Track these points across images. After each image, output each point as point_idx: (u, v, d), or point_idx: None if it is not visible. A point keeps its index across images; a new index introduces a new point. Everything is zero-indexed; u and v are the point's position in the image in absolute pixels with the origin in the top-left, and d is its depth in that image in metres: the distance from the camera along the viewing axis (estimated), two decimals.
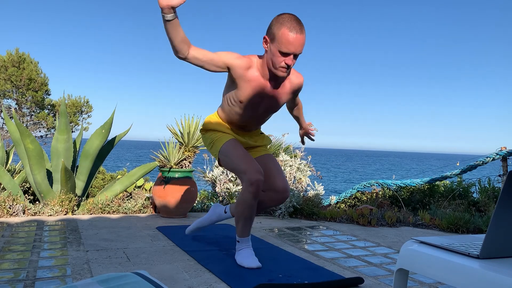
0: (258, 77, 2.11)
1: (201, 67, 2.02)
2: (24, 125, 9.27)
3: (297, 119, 2.65)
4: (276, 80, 2.15)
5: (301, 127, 2.69)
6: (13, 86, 12.22)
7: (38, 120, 12.70)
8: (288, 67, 2.04)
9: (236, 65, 2.05)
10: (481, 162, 6.28)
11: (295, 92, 2.29)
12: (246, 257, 2.23)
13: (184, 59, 1.97)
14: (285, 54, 1.99)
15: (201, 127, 2.42)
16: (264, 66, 2.10)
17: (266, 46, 2.05)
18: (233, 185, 4.27)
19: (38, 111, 12.90)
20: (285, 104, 2.36)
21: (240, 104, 2.17)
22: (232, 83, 2.15)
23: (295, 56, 2.03)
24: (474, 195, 5.97)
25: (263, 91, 2.14)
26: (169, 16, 1.82)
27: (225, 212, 2.46)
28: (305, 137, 2.73)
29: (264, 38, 2.05)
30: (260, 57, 2.13)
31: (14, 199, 3.52)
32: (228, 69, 2.07)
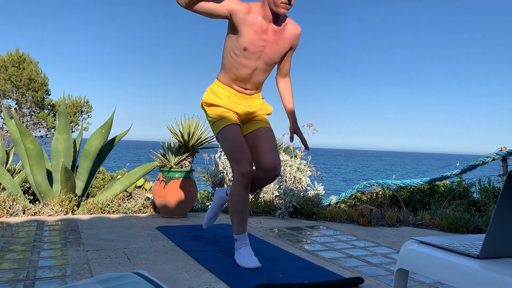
0: (259, 21, 2.15)
1: (205, 14, 2.11)
2: (24, 125, 9.27)
3: (286, 107, 2.46)
4: (277, 22, 2.19)
5: (291, 122, 2.47)
6: (13, 86, 12.22)
7: (38, 120, 12.71)
8: (289, 3, 2.09)
9: (238, 10, 2.11)
10: (481, 162, 6.28)
11: (293, 42, 2.29)
12: (246, 257, 2.23)
13: (187, 6, 2.06)
14: None
15: (201, 101, 2.37)
16: (265, 7, 2.14)
17: None
18: None
19: (38, 111, 12.90)
20: (284, 57, 2.33)
21: (244, 53, 2.19)
22: (233, 31, 2.18)
23: None
24: (474, 195, 5.97)
25: (265, 35, 2.18)
26: None
27: (226, 194, 2.49)
28: (298, 140, 2.48)
29: None
30: (258, 2, 2.18)
31: (14, 199, 3.52)
32: (230, 16, 2.13)
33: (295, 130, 2.45)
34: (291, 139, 2.46)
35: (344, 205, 6.38)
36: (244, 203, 2.21)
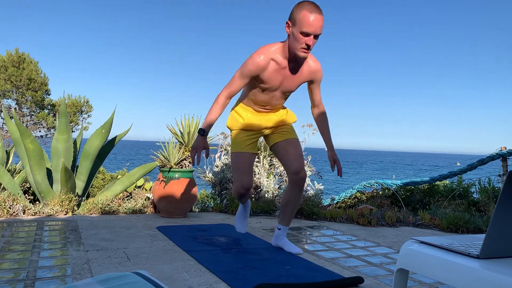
0: (279, 61, 2.29)
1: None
2: (24, 125, 9.27)
3: (323, 136, 2.63)
4: (295, 62, 2.33)
5: (329, 150, 2.61)
6: (13, 86, 12.23)
7: (38, 120, 12.71)
8: (309, 48, 2.20)
9: (257, 73, 2.29)
10: (481, 162, 6.29)
11: (313, 76, 2.42)
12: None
13: (227, 102, 2.41)
14: (306, 35, 2.15)
15: (226, 125, 2.61)
16: (285, 48, 2.28)
17: (288, 30, 2.23)
18: (233, 185, 4.27)
19: (38, 111, 12.91)
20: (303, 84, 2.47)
21: (263, 87, 2.37)
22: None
23: (315, 37, 2.20)
24: (474, 195, 5.97)
25: (284, 71, 2.33)
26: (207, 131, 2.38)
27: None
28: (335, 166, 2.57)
29: (286, 23, 2.23)
30: (281, 43, 2.31)
31: (14, 199, 3.52)
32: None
33: (333, 157, 2.55)
34: (332, 167, 2.54)
35: (344, 205, 6.38)
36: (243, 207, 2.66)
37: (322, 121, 2.59)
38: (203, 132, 2.34)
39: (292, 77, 2.36)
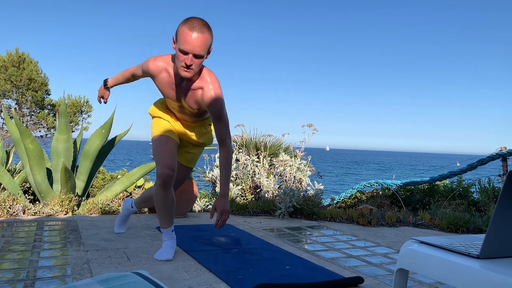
0: (169, 79, 2.23)
1: (133, 81, 2.49)
2: (24, 125, 9.28)
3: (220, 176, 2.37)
4: (186, 80, 2.18)
5: (218, 195, 2.32)
6: (13, 86, 12.23)
7: (38, 120, 12.72)
8: (188, 67, 2.05)
9: (150, 73, 2.28)
10: (481, 162, 6.29)
11: (205, 104, 2.20)
12: (161, 250, 2.35)
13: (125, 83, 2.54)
14: (184, 53, 2.02)
15: (149, 111, 2.57)
16: (174, 65, 2.20)
17: (173, 46, 2.13)
18: (233, 185, 4.27)
19: (38, 111, 12.92)
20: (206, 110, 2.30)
21: (165, 99, 2.38)
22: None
23: (196, 56, 2.03)
24: (474, 195, 5.97)
25: (178, 87, 2.24)
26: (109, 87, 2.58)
27: (132, 207, 2.81)
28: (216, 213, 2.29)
29: (172, 38, 2.11)
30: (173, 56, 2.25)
31: (14, 199, 3.51)
32: (148, 76, 2.33)
33: (216, 205, 2.29)
34: (211, 214, 2.28)
35: (344, 205, 6.38)
36: (162, 201, 2.31)
37: (221, 163, 2.31)
38: (105, 83, 2.56)
39: (186, 95, 2.22)
